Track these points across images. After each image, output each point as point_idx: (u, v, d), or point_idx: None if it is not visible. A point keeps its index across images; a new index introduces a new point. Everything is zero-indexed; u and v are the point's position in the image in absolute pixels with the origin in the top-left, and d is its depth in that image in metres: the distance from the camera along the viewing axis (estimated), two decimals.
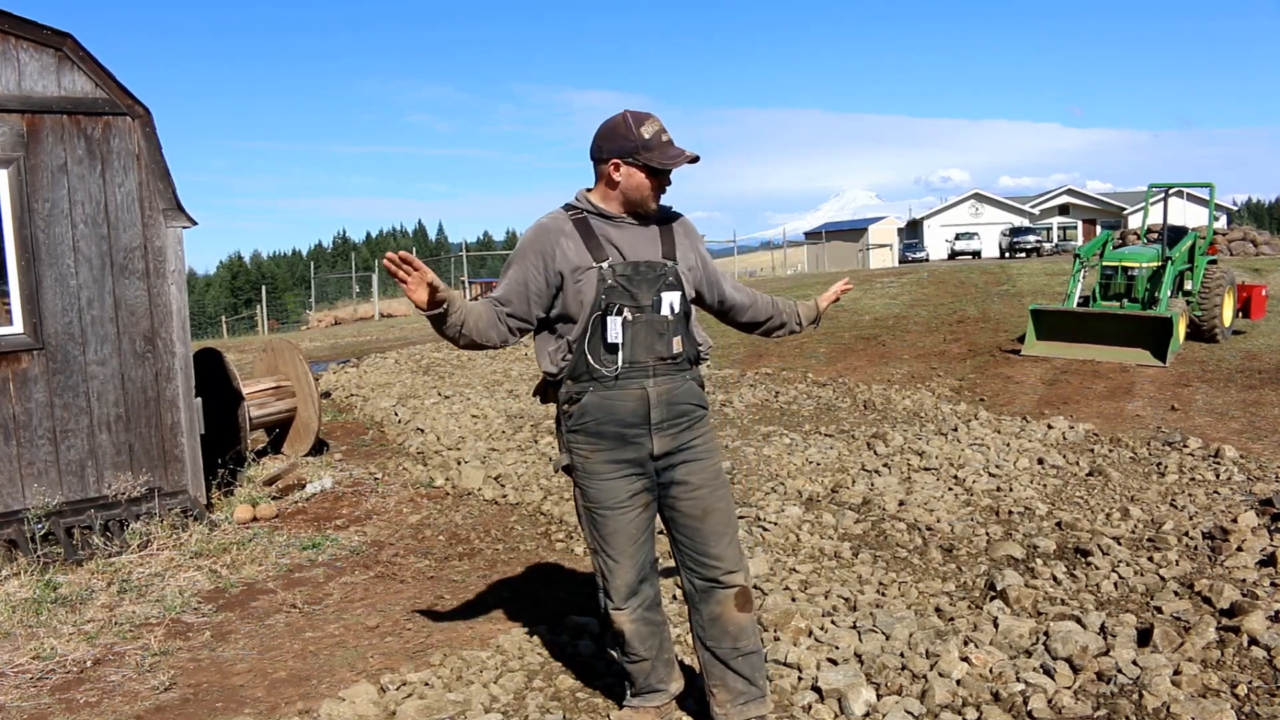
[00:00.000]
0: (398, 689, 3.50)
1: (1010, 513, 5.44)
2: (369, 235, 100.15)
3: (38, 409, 5.33)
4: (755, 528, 5.25)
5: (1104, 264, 11.74)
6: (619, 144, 2.80)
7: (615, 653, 3.12)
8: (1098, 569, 4.43)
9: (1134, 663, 3.35)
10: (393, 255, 2.53)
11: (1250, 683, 3.21)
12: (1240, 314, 12.18)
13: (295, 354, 7.77)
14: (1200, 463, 6.43)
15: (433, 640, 4.05)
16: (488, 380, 10.89)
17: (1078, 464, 6.56)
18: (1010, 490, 5.93)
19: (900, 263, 46.05)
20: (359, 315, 29.91)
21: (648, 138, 2.79)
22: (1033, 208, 56.44)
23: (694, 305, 3.04)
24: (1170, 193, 12.50)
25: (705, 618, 2.94)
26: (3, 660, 3.93)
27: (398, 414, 9.14)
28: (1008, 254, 42.42)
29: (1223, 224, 40.98)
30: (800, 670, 3.46)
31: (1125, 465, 6.55)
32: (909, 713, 3.14)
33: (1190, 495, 5.68)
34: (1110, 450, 6.96)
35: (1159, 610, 3.89)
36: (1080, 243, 46.56)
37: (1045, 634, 3.62)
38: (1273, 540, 4.68)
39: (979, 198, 57.78)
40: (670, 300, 2.86)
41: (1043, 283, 16.96)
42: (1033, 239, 43.07)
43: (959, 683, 3.32)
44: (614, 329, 2.79)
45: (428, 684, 3.51)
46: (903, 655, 3.54)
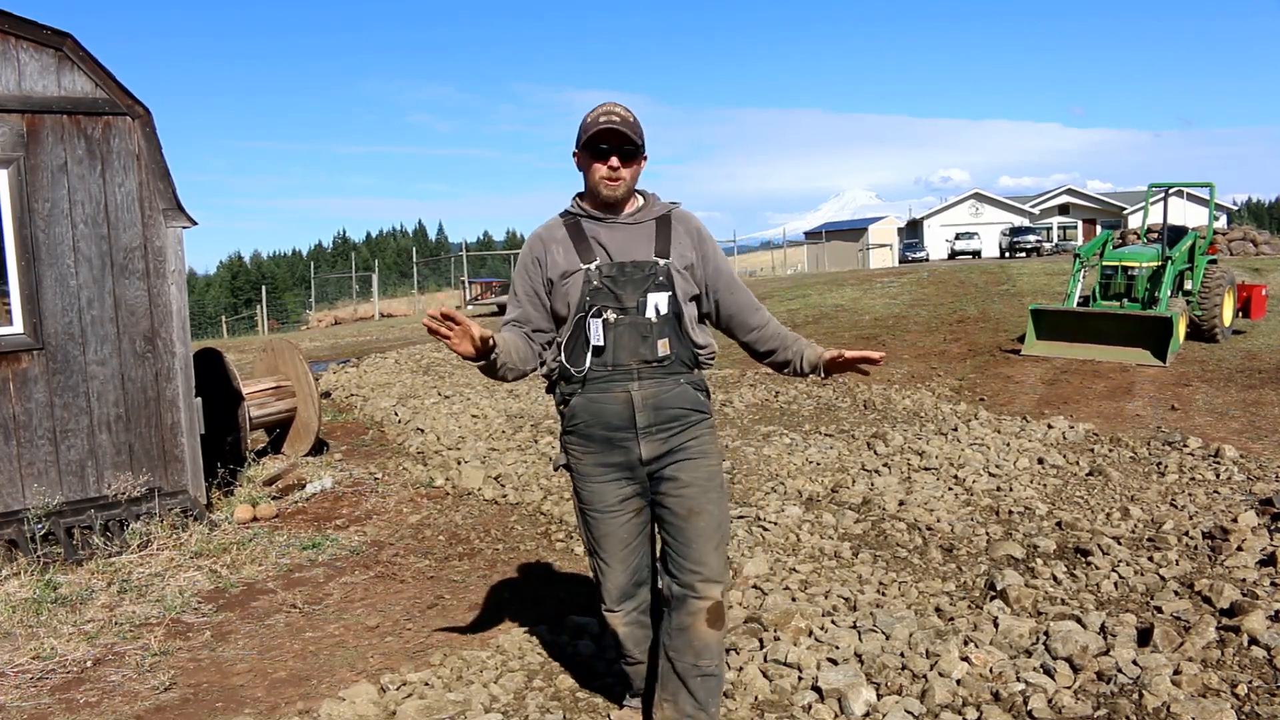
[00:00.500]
0: (398, 689, 3.50)
1: (1010, 512, 5.44)
2: (369, 235, 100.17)
3: (38, 409, 5.33)
4: (755, 528, 5.25)
5: (1104, 264, 11.75)
6: (580, 131, 2.74)
7: (615, 654, 3.11)
8: (1098, 569, 4.42)
9: (1134, 662, 3.35)
10: (434, 313, 2.46)
11: (1250, 682, 3.21)
12: (1240, 314, 12.18)
13: (295, 354, 7.77)
14: (1200, 462, 6.43)
15: (433, 640, 4.05)
16: (488, 380, 10.88)
17: (1078, 464, 6.56)
18: (1010, 490, 5.93)
19: (900, 263, 46.06)
20: (359, 315, 29.92)
21: (588, 121, 2.70)
22: (1033, 208, 56.45)
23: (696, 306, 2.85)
24: (1170, 193, 12.50)
25: (674, 625, 2.82)
26: (3, 660, 3.93)
27: (398, 414, 9.14)
28: (1008, 254, 42.43)
29: (1223, 224, 40.98)
30: (800, 670, 3.46)
31: (1125, 465, 6.55)
32: (909, 713, 3.14)
33: (1190, 495, 5.68)
34: (1110, 450, 6.96)
35: (1159, 610, 3.89)
36: (1080, 243, 46.57)
37: (1045, 634, 3.62)
38: (1273, 540, 4.67)
39: (979, 198, 57.78)
40: (656, 301, 2.74)
41: (1043, 283, 16.96)
42: (1033, 239, 43.09)
43: (959, 682, 3.32)
44: (595, 331, 2.73)
45: (428, 684, 3.51)
46: (903, 655, 3.54)
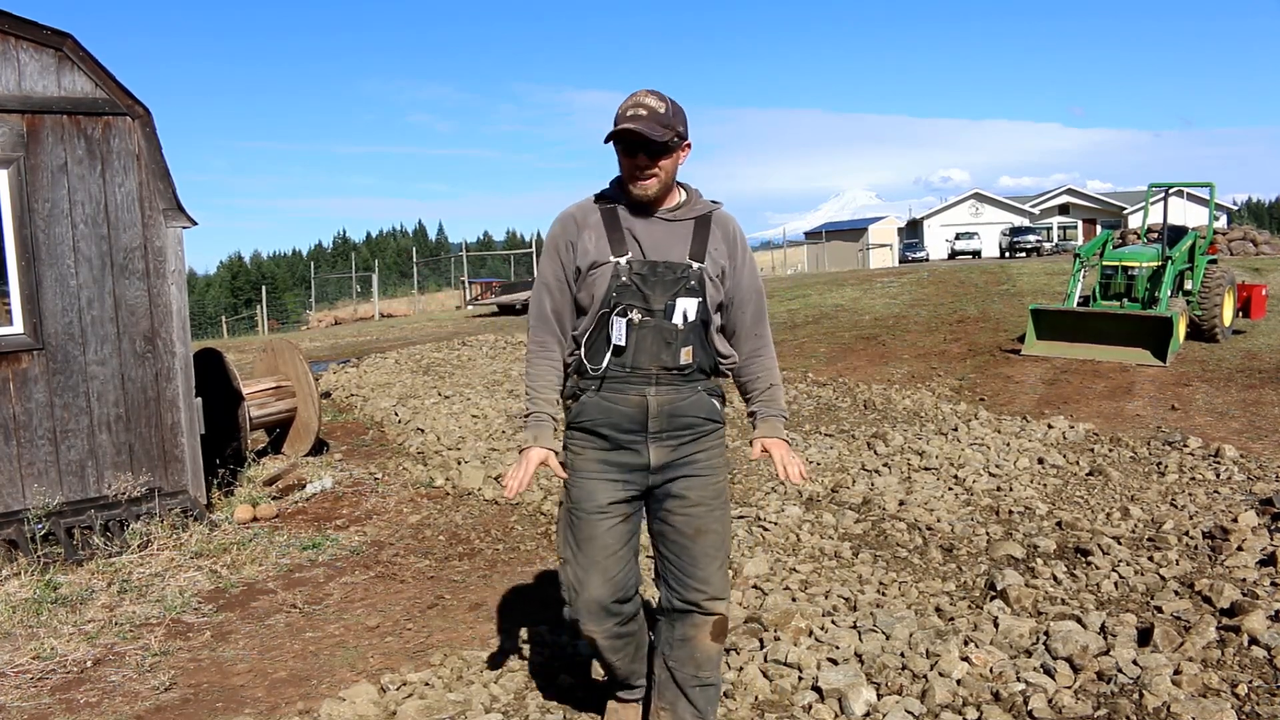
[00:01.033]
0: (398, 689, 3.50)
1: (1010, 512, 5.44)
2: (369, 235, 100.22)
3: (38, 409, 5.33)
4: (755, 528, 5.24)
5: (1104, 264, 11.75)
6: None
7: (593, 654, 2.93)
8: (1098, 569, 4.42)
9: (1134, 662, 3.35)
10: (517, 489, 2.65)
11: (1250, 682, 3.21)
12: (1240, 314, 12.19)
13: (295, 354, 7.77)
14: (1200, 462, 6.43)
15: (433, 640, 4.05)
16: (488, 380, 10.89)
17: (1078, 464, 6.56)
18: (1010, 490, 5.93)
19: (900, 263, 46.07)
20: (359, 315, 29.93)
21: (617, 113, 2.55)
22: (1033, 208, 56.46)
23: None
24: (1170, 192, 12.50)
25: (676, 637, 2.77)
26: (3, 660, 3.93)
27: (398, 414, 9.14)
28: (1008, 254, 42.43)
29: (1223, 224, 40.97)
30: (800, 670, 3.46)
31: (1125, 465, 6.55)
32: (909, 712, 3.14)
33: (1190, 495, 5.68)
34: (1110, 450, 6.96)
35: (1159, 610, 3.89)
36: (1080, 242, 46.57)
37: (1045, 634, 3.62)
38: (1273, 540, 4.67)
39: (979, 198, 57.79)
40: (685, 307, 2.61)
41: (1043, 282, 16.96)
42: (1033, 239, 43.09)
43: (959, 682, 3.32)
44: (618, 330, 2.59)
45: (428, 684, 3.51)
46: (903, 655, 3.54)
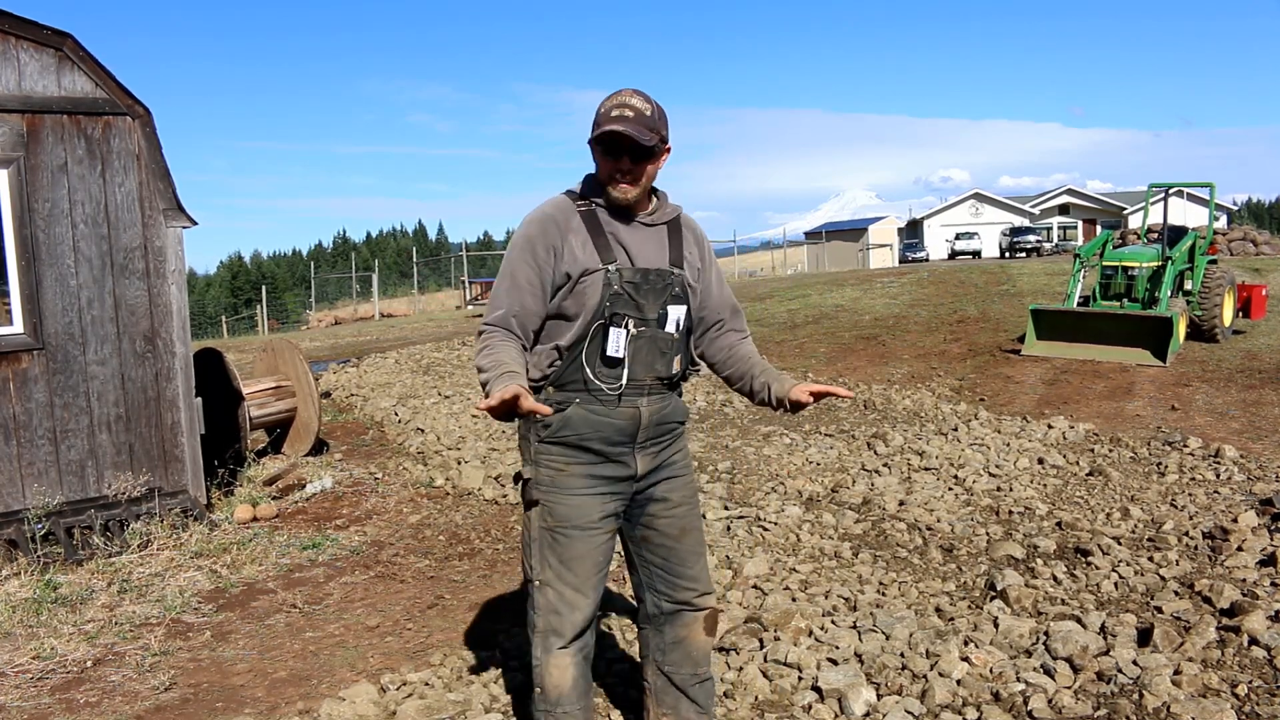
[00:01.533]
0: (398, 689, 3.50)
1: (1010, 513, 5.44)
2: (369, 235, 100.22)
3: (38, 409, 5.33)
4: (755, 528, 5.24)
5: (1104, 264, 11.76)
6: (594, 122, 2.47)
7: (539, 713, 2.61)
8: (1098, 569, 4.43)
9: (1134, 662, 3.35)
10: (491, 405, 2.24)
11: (1250, 682, 3.21)
12: (1240, 314, 12.19)
13: (295, 354, 7.77)
14: (1200, 463, 6.43)
15: (433, 640, 4.05)
16: None
17: (1078, 464, 6.56)
18: (1010, 490, 5.93)
19: (900, 263, 46.06)
20: (359, 315, 29.93)
21: (600, 112, 2.44)
22: (1033, 208, 56.45)
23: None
24: (1170, 193, 12.51)
25: (668, 640, 2.74)
26: (3, 660, 3.93)
27: (398, 414, 9.14)
28: (1008, 254, 42.43)
29: (1223, 224, 40.99)
30: (800, 670, 3.46)
31: (1125, 465, 6.55)
32: (909, 713, 3.14)
33: (1190, 495, 5.68)
34: (1110, 450, 6.96)
35: (1159, 610, 3.89)
36: (1080, 243, 46.58)
37: (1045, 634, 3.62)
38: (1273, 540, 4.68)
39: (979, 198, 57.78)
40: (677, 315, 2.57)
41: (1043, 283, 16.96)
42: (1033, 239, 43.09)
43: (959, 682, 3.32)
44: (616, 342, 2.48)
45: (428, 684, 3.52)
46: (903, 655, 3.54)
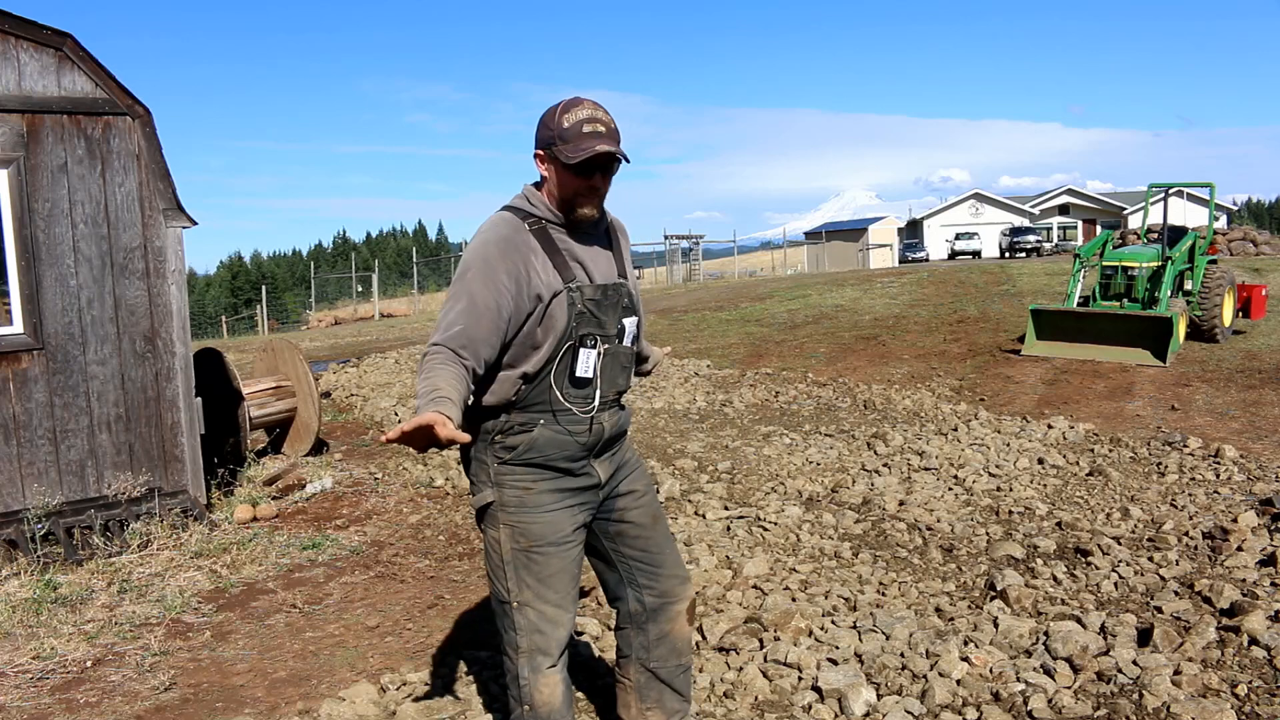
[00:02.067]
0: (398, 689, 3.50)
1: (1010, 513, 5.44)
2: (369, 235, 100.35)
3: (38, 409, 5.33)
4: (755, 528, 5.24)
5: (1104, 264, 11.76)
6: (541, 133, 2.41)
7: None
8: (1098, 569, 4.43)
9: (1134, 663, 3.35)
10: (393, 436, 2.06)
11: (1250, 683, 3.21)
12: (1240, 314, 12.20)
13: (295, 354, 7.77)
14: (1200, 463, 6.43)
15: (433, 640, 4.05)
16: None
17: (1078, 464, 6.56)
18: (1010, 490, 5.93)
19: (900, 263, 46.07)
20: (359, 315, 29.92)
21: (566, 127, 2.36)
22: (1033, 208, 56.46)
23: None
24: (1170, 193, 12.52)
25: (653, 637, 2.72)
26: (3, 660, 3.93)
27: (398, 414, 9.14)
28: (1008, 254, 42.43)
29: (1223, 224, 41.02)
30: (800, 670, 3.46)
31: (1125, 465, 6.55)
32: (909, 713, 3.14)
33: (1190, 495, 5.68)
34: (1110, 450, 6.95)
35: (1159, 610, 3.89)
36: (1080, 243, 46.59)
37: (1045, 634, 3.62)
38: (1273, 540, 4.68)
39: (979, 198, 57.78)
40: (631, 328, 2.56)
41: (1043, 283, 16.97)
42: (1033, 239, 43.09)
43: (959, 683, 3.32)
44: (586, 362, 2.44)
45: (427, 684, 3.51)
46: (903, 655, 3.54)
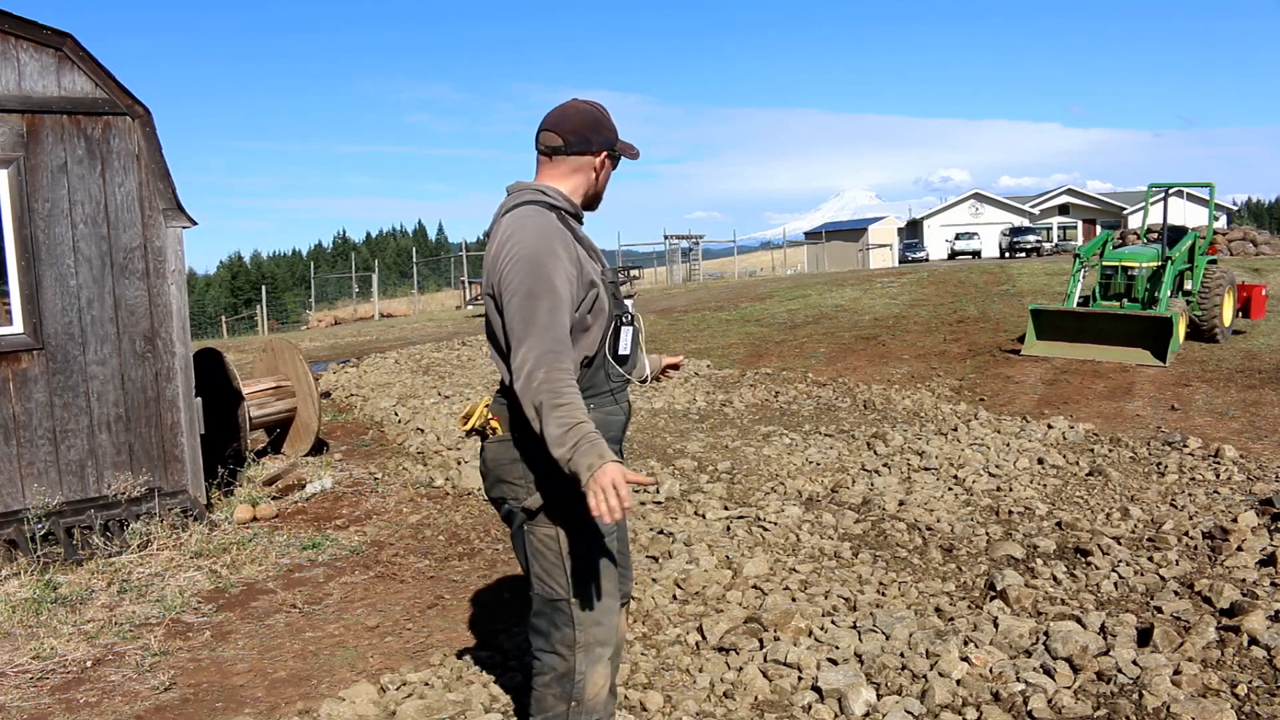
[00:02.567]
0: (398, 689, 3.50)
1: (1010, 513, 5.44)
2: (369, 235, 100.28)
3: (38, 409, 5.33)
4: (755, 528, 5.24)
5: (1104, 264, 11.76)
6: (606, 135, 2.54)
7: None
8: (1098, 569, 4.43)
9: (1134, 662, 3.35)
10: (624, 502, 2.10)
11: (1250, 682, 3.21)
12: (1240, 314, 12.19)
13: (295, 354, 7.77)
14: (1200, 463, 6.43)
15: (433, 640, 4.05)
16: (487, 380, 10.89)
17: (1078, 464, 6.56)
18: (1010, 490, 5.92)
19: (900, 263, 46.07)
20: (359, 315, 29.93)
21: (613, 125, 2.59)
22: (1033, 208, 56.45)
23: None
24: (1170, 193, 12.52)
25: None
26: (3, 660, 3.93)
27: (398, 414, 9.14)
28: (1008, 254, 42.43)
29: (1223, 224, 41.02)
30: (800, 670, 3.46)
31: (1125, 465, 6.55)
32: (909, 713, 3.15)
33: (1190, 495, 5.68)
34: (1110, 450, 6.95)
35: (1159, 610, 3.89)
36: (1080, 243, 46.60)
37: (1045, 634, 3.62)
38: (1273, 540, 4.67)
39: (979, 198, 57.77)
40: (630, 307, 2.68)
41: (1043, 283, 16.97)
42: (1033, 239, 43.10)
43: (959, 683, 3.32)
44: (626, 339, 2.56)
45: (428, 684, 3.52)
46: (903, 655, 3.54)
